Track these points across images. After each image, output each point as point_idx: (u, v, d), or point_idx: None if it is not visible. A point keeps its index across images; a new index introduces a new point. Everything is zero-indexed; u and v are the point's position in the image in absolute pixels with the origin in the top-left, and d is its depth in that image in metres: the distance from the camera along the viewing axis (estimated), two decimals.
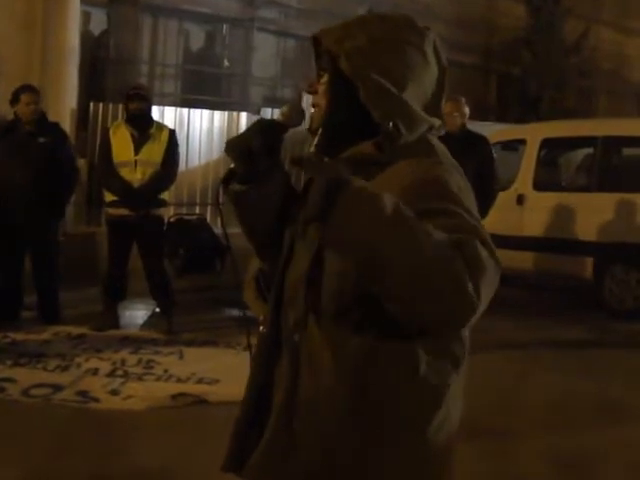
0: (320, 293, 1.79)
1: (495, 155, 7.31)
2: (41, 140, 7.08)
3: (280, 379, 1.87)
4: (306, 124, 1.97)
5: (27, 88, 7.18)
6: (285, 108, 2.00)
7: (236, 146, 1.91)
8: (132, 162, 7.02)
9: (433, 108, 1.90)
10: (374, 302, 1.66)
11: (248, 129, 1.95)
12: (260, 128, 1.93)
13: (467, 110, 7.15)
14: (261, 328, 1.93)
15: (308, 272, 1.81)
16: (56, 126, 7.49)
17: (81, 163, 8.83)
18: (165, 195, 7.32)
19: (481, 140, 7.20)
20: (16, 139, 7.05)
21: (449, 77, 1.93)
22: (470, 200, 1.79)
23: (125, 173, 7.01)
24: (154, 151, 7.10)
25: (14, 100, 7.07)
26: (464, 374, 1.87)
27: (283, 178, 1.95)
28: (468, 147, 6.96)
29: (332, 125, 1.89)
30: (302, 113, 2.01)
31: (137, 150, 7.04)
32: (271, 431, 1.85)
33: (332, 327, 1.78)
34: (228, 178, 1.94)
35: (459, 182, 1.79)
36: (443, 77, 1.92)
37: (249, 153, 1.89)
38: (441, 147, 1.90)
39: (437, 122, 1.89)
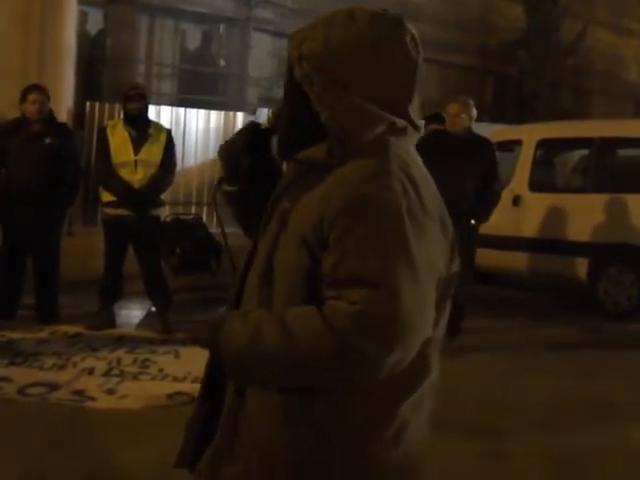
0: (273, 294, 1.77)
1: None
2: (47, 141, 7.07)
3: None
4: None
5: (34, 87, 7.19)
6: (270, 113, 2.05)
7: (224, 149, 2.05)
8: (132, 162, 7.01)
9: (398, 106, 1.80)
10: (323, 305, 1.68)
11: (236, 133, 2.07)
12: (245, 131, 2.04)
13: (475, 112, 7.13)
14: None
15: (262, 272, 1.80)
16: (63, 126, 7.49)
17: None
18: (162, 195, 7.34)
19: (485, 142, 7.20)
20: (22, 138, 7.04)
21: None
22: (407, 219, 1.67)
23: (125, 173, 7.00)
24: (153, 152, 7.10)
25: (21, 99, 7.07)
26: (435, 381, 1.82)
27: (273, 178, 1.98)
28: (472, 149, 6.97)
29: (290, 128, 1.86)
30: None
31: (136, 150, 7.03)
32: (219, 438, 1.86)
33: None
34: (220, 181, 2.07)
35: (397, 199, 1.69)
36: (412, 73, 1.81)
37: (234, 155, 2.02)
38: (403, 148, 1.81)
39: (401, 121, 1.79)
